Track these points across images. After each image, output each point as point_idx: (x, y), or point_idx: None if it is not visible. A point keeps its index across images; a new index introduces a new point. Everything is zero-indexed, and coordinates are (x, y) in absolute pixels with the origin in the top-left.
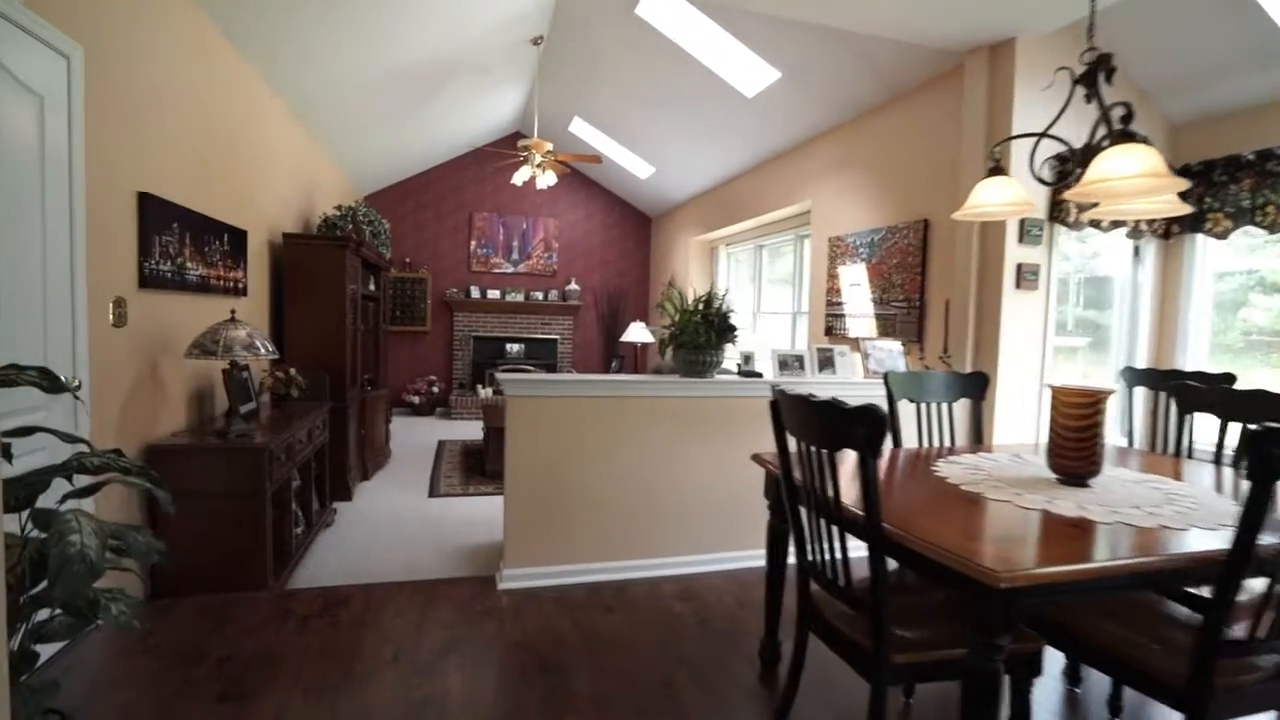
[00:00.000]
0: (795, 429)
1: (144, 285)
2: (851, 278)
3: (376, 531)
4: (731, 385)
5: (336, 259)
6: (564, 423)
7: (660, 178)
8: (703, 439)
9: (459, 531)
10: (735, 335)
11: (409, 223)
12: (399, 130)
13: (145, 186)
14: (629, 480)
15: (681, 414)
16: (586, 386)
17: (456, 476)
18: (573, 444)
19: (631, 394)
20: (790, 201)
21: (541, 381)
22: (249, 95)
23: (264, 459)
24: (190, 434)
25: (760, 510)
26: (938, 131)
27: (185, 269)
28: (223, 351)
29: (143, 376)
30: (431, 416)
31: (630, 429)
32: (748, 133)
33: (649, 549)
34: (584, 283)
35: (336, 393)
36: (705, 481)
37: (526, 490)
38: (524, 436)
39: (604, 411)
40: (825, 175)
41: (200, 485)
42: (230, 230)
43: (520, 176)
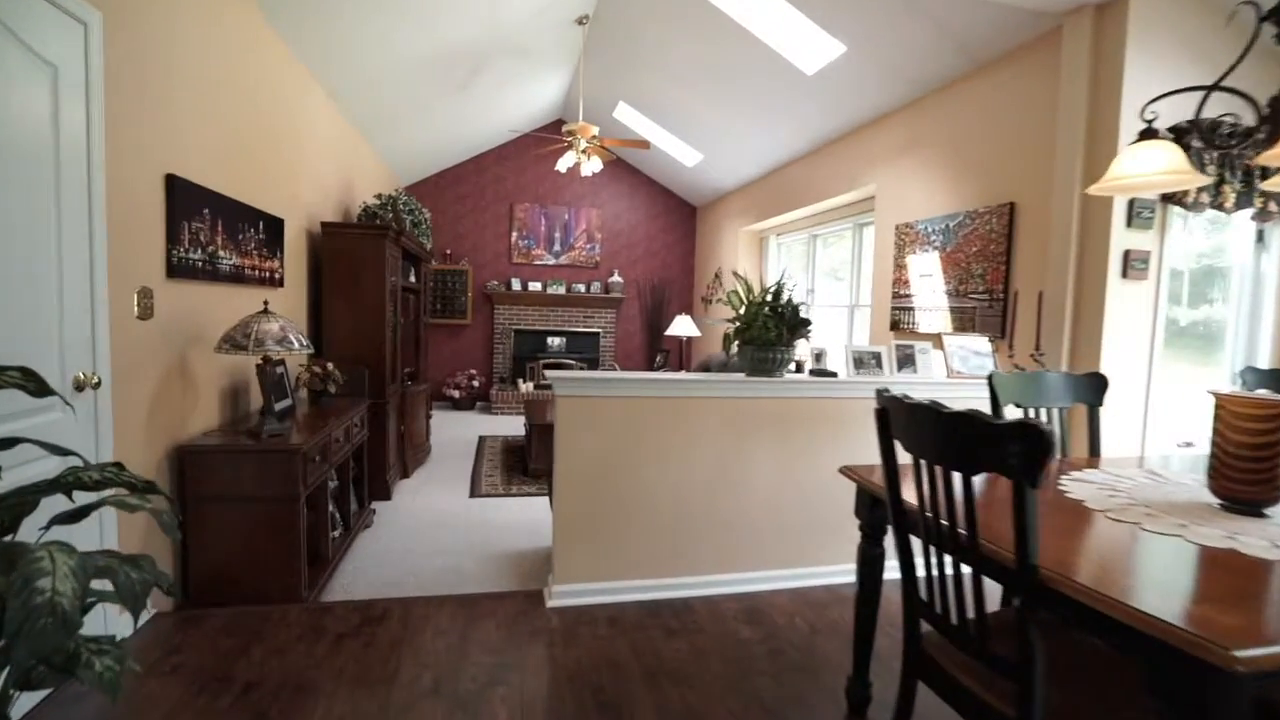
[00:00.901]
0: (913, 443)
1: (172, 275)
2: (922, 268)
3: (416, 534)
4: (803, 385)
5: (376, 249)
6: (618, 425)
7: (708, 165)
8: (769, 444)
9: (502, 536)
10: (808, 330)
11: (449, 214)
12: (438, 117)
13: (173, 168)
14: (688, 488)
15: (747, 417)
16: (643, 386)
17: (498, 475)
18: (627, 448)
19: (692, 394)
20: (851, 187)
21: (594, 380)
22: (286, 76)
23: (298, 462)
24: (222, 433)
25: (832, 525)
26: (1027, 105)
27: (217, 258)
28: (254, 346)
29: (171, 372)
30: (472, 411)
31: (690, 432)
32: (806, 114)
33: (709, 564)
34: (627, 275)
35: (376, 388)
36: (770, 491)
37: (577, 498)
38: (575, 439)
39: (662, 413)
40: (892, 157)
41: (232, 489)
42: (265, 218)
43: (564, 163)
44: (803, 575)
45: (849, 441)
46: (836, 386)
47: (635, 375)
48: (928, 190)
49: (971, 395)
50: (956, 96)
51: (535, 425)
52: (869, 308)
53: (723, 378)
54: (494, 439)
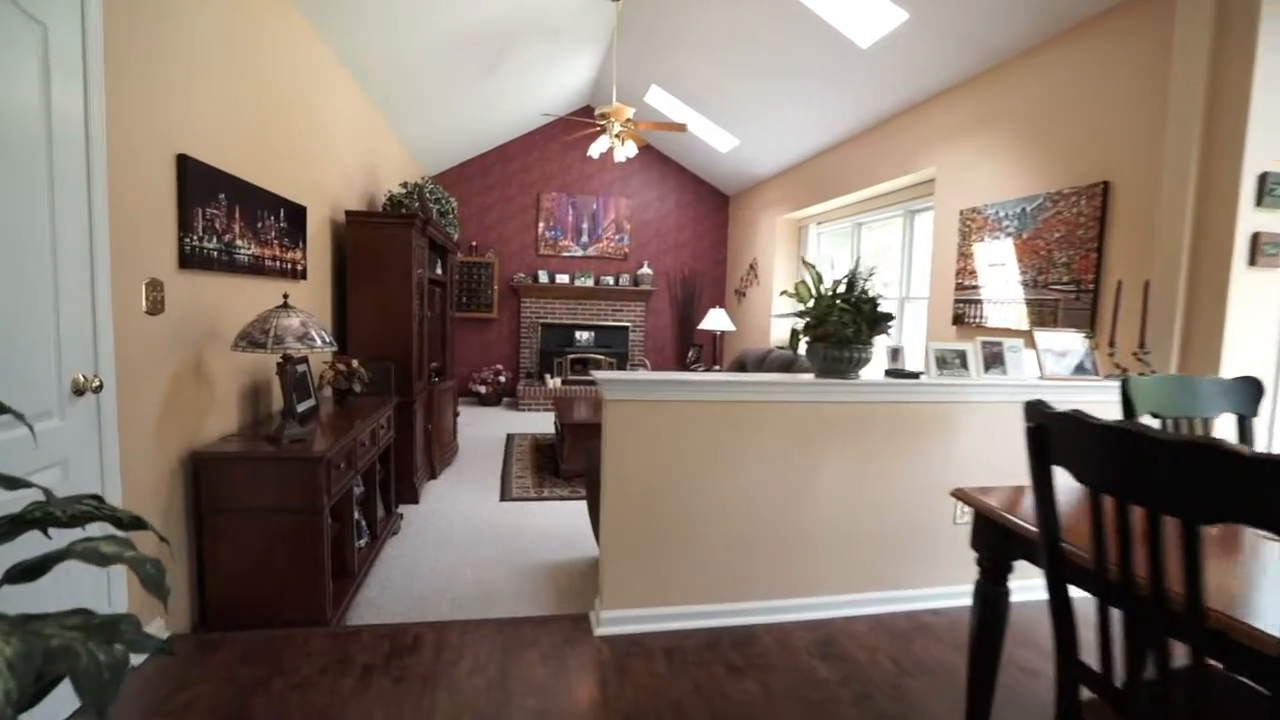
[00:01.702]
0: (1101, 476)
1: (185, 265)
2: (992, 256)
3: (446, 542)
4: (881, 389)
5: (402, 239)
6: (674, 431)
7: (743, 151)
8: (842, 454)
9: (536, 545)
10: (889, 325)
11: (475, 205)
12: (463, 103)
13: (185, 148)
14: (751, 503)
15: (817, 423)
16: (703, 389)
17: (529, 476)
18: (684, 457)
19: (757, 398)
20: (906, 170)
21: (648, 382)
22: (308, 56)
23: (321, 470)
24: (241, 438)
25: (911, 544)
26: (1128, 69)
27: (234, 247)
28: (272, 343)
29: (185, 372)
30: (498, 407)
31: (754, 440)
32: (858, 92)
33: (775, 587)
34: (656, 266)
35: (403, 386)
36: (843, 506)
37: (627, 513)
38: (625, 447)
39: (723, 418)
40: (956, 136)
41: (250, 499)
42: (287, 205)
43: (597, 148)
44: (880, 600)
45: (932, 451)
46: (918, 390)
47: (694, 377)
48: (999, 171)
49: (1076, 400)
50: (1037, 65)
51: (566, 424)
52: (924, 300)
53: (791, 380)
54: (522, 437)
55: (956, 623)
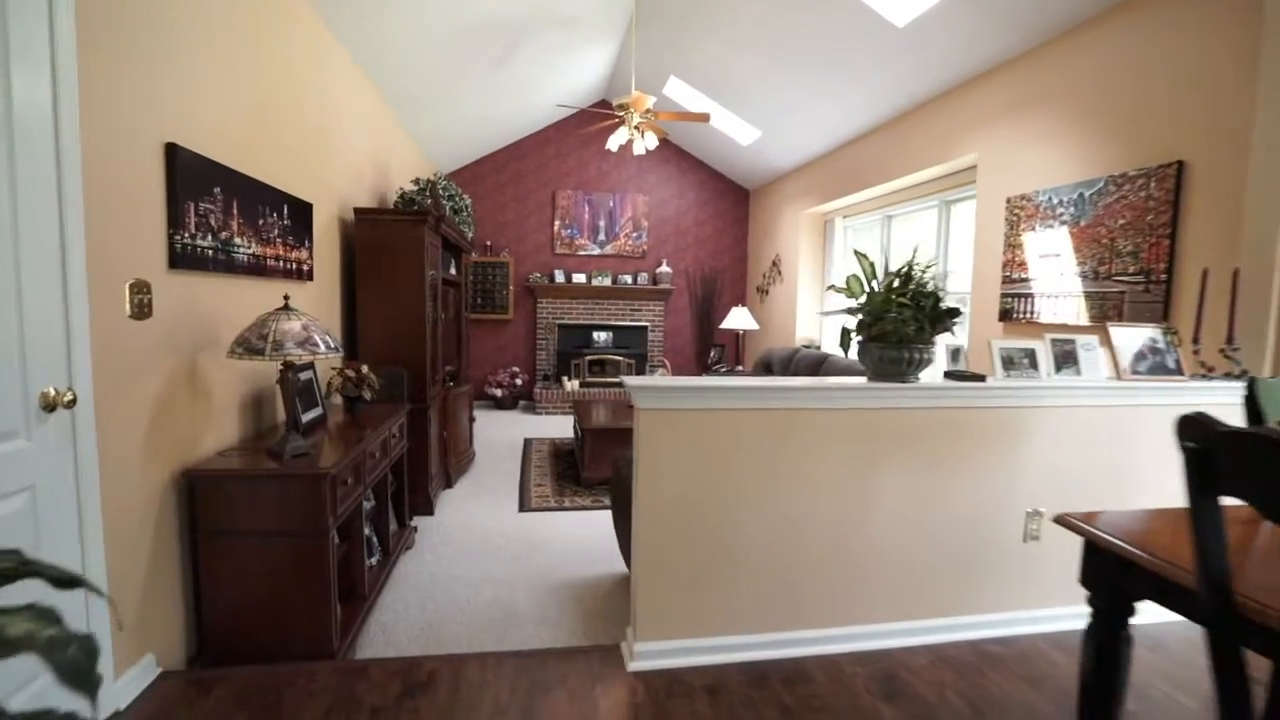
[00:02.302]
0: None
1: (176, 265)
2: (1044, 246)
3: (462, 558)
4: (942, 393)
5: (414, 237)
6: (713, 443)
7: (766, 143)
8: (900, 466)
9: (558, 560)
10: (954, 323)
11: (489, 203)
12: (475, 97)
13: (176, 136)
14: (799, 521)
15: (872, 431)
16: (744, 396)
17: (548, 485)
18: (725, 472)
19: (804, 405)
20: (943, 158)
21: (684, 389)
22: (314, 45)
23: (325, 488)
24: (241, 452)
25: (976, 565)
26: (1203, 40)
27: (233, 245)
28: (272, 349)
29: (177, 381)
30: (515, 411)
31: (802, 452)
32: (891, 76)
33: (826, 615)
34: (675, 264)
35: (416, 391)
36: (901, 524)
37: (663, 534)
38: (659, 461)
39: (767, 428)
40: (1000, 119)
41: (250, 521)
42: (291, 201)
43: (616, 141)
44: (942, 628)
45: (998, 461)
46: (984, 394)
47: (736, 382)
48: (1050, 155)
49: (1167, 404)
50: (1092, 39)
51: (587, 430)
52: (965, 295)
53: (843, 384)
54: (540, 441)
55: (1028, 654)
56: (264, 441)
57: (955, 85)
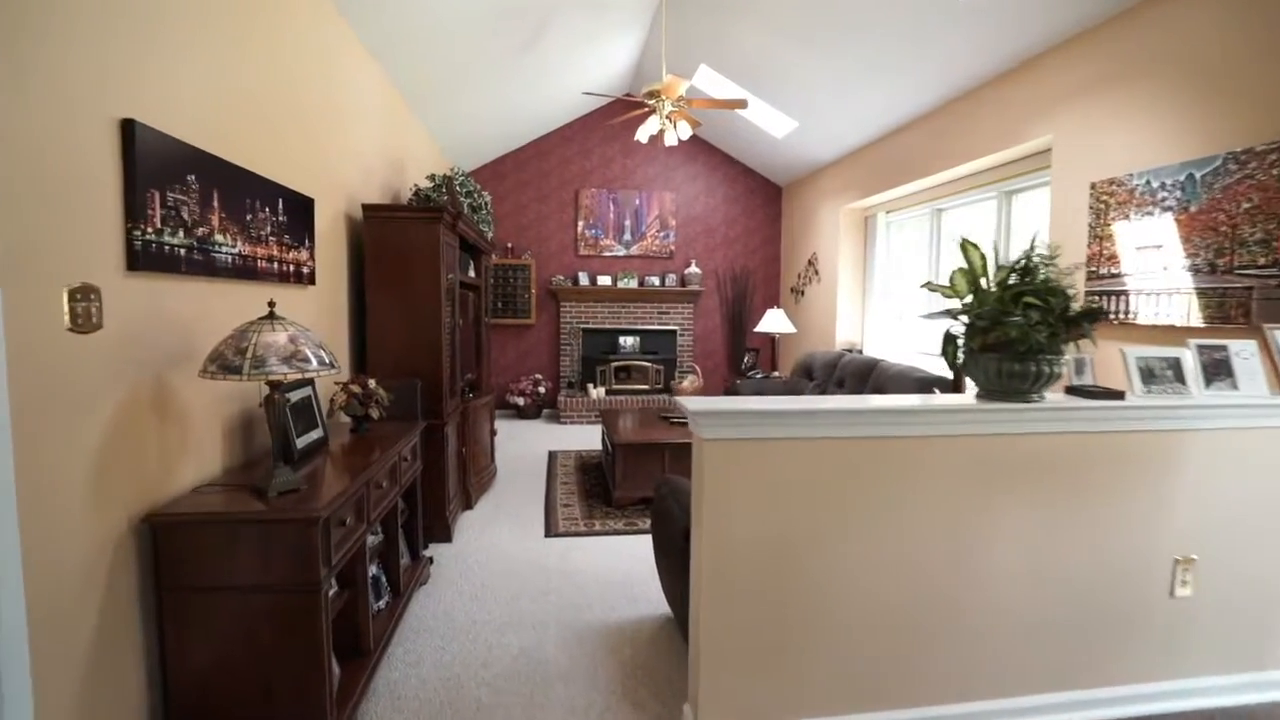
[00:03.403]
0: None
1: (137, 267)
2: (1141, 236)
3: (484, 595)
4: (1075, 414)
5: (429, 236)
6: (797, 480)
7: (802, 135)
8: (1024, 504)
9: (591, 596)
10: (1093, 327)
11: (509, 203)
12: (496, 89)
13: (138, 113)
14: (901, 575)
15: (988, 463)
16: (836, 421)
17: (576, 505)
18: (812, 514)
19: (906, 431)
20: (1009, 142)
21: (762, 414)
22: (319, 26)
23: (317, 535)
24: (224, 487)
25: (1118, 628)
26: None
27: (212, 244)
28: (252, 367)
29: (139, 405)
30: (538, 420)
31: (903, 489)
32: (948, 54)
33: (938, 690)
34: (704, 265)
35: (432, 406)
36: (1023, 575)
37: (733, 592)
38: (730, 503)
39: (859, 460)
40: (1082, 95)
41: (226, 575)
42: (288, 195)
43: (646, 131)
44: (1085, 703)
45: (1138, 497)
46: (1123, 415)
47: (825, 404)
48: (1147, 131)
49: None
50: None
51: (618, 445)
52: None
53: (954, 405)
54: (565, 455)
55: None
56: (255, 471)
57: (1023, 61)
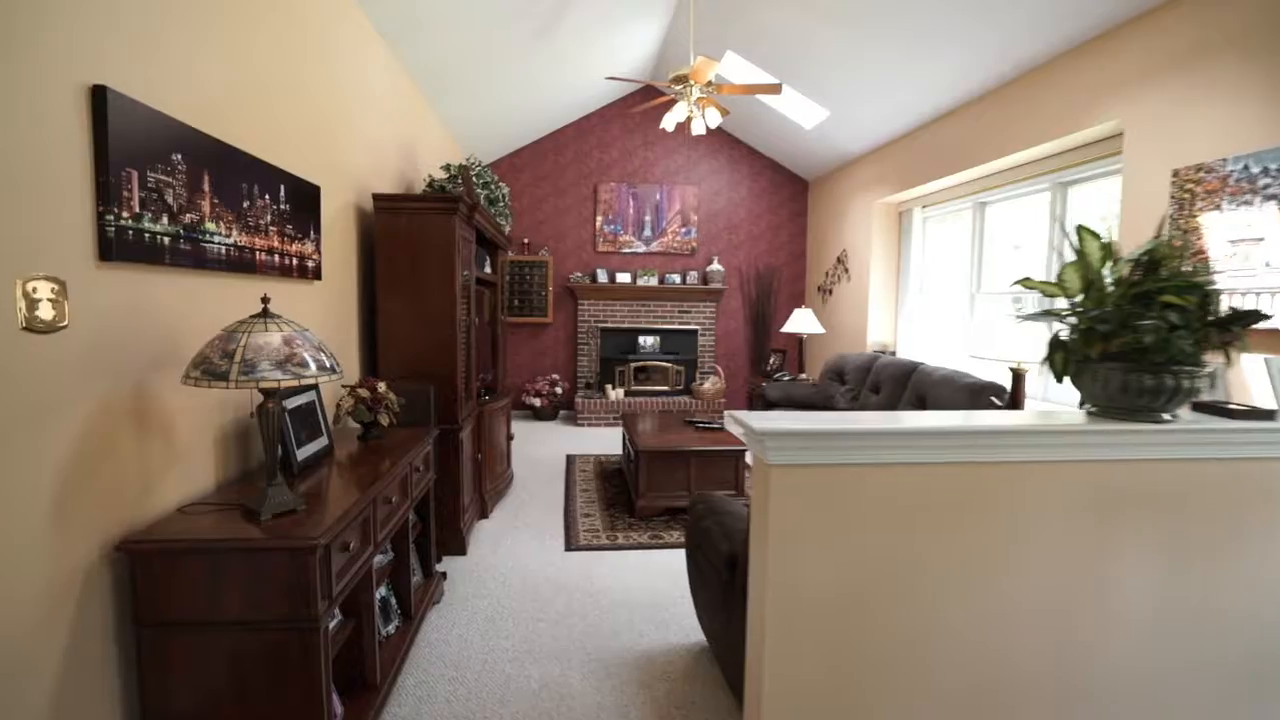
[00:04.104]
0: None
1: (111, 257)
2: (1237, 229)
3: (501, 616)
4: (1211, 439)
5: (444, 228)
6: (884, 515)
7: (833, 125)
8: (1147, 549)
9: (617, 620)
10: (1243, 332)
11: (526, 198)
12: (512, 78)
13: (113, 80)
14: (1004, 629)
15: (1107, 495)
16: (931, 444)
17: (597, 515)
18: (893, 556)
19: (1011, 456)
20: (1070, 127)
21: (840, 434)
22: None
23: (315, 564)
24: (216, 506)
25: (1266, 690)
26: None
27: (202, 232)
28: (240, 373)
29: (113, 414)
30: (555, 421)
31: (1007, 526)
32: (1002, 33)
33: None
34: (727, 262)
35: (446, 411)
36: (1152, 631)
37: (800, 651)
38: (802, 544)
39: (955, 490)
40: (1159, 72)
41: (213, 609)
42: (292, 182)
43: (672, 119)
44: None
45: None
46: (1268, 438)
47: (920, 422)
48: (1243, 110)
49: None
50: None
51: (642, 452)
52: None
53: (1073, 424)
54: (584, 459)
55: None
56: (254, 484)
57: (1088, 39)
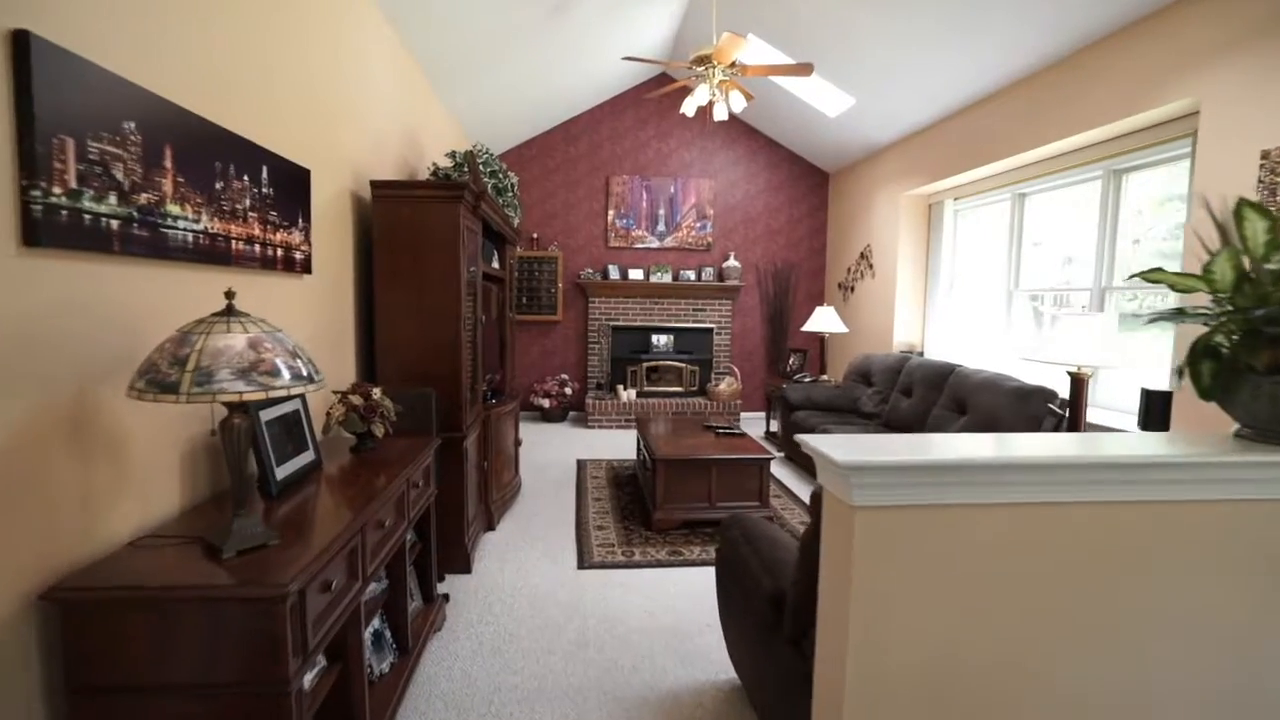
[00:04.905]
0: None
1: (38, 241)
2: None
3: (508, 647)
4: None
5: (448, 218)
6: (991, 563)
7: (860, 113)
8: None
9: (638, 651)
10: None
11: (536, 191)
12: (521, 64)
13: (37, 24)
14: (1167, 714)
15: (1262, 543)
16: (1050, 482)
17: (612, 528)
18: (1020, 618)
19: (1147, 495)
20: (1133, 109)
21: (947, 467)
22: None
23: (285, 618)
24: (172, 541)
25: None
26: None
27: (163, 215)
28: (193, 384)
29: (43, 434)
30: (564, 423)
31: (1157, 580)
32: (1057, 7)
33: None
34: (744, 258)
35: (449, 417)
36: None
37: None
38: (888, 605)
39: (1085, 538)
40: (1243, 44)
41: (159, 671)
42: (276, 163)
43: (693, 103)
44: None
45: None
46: None
47: (1039, 452)
48: None
49: None
50: None
51: (659, 460)
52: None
53: (1234, 458)
54: (595, 464)
55: None
56: (225, 508)
57: (1156, 10)
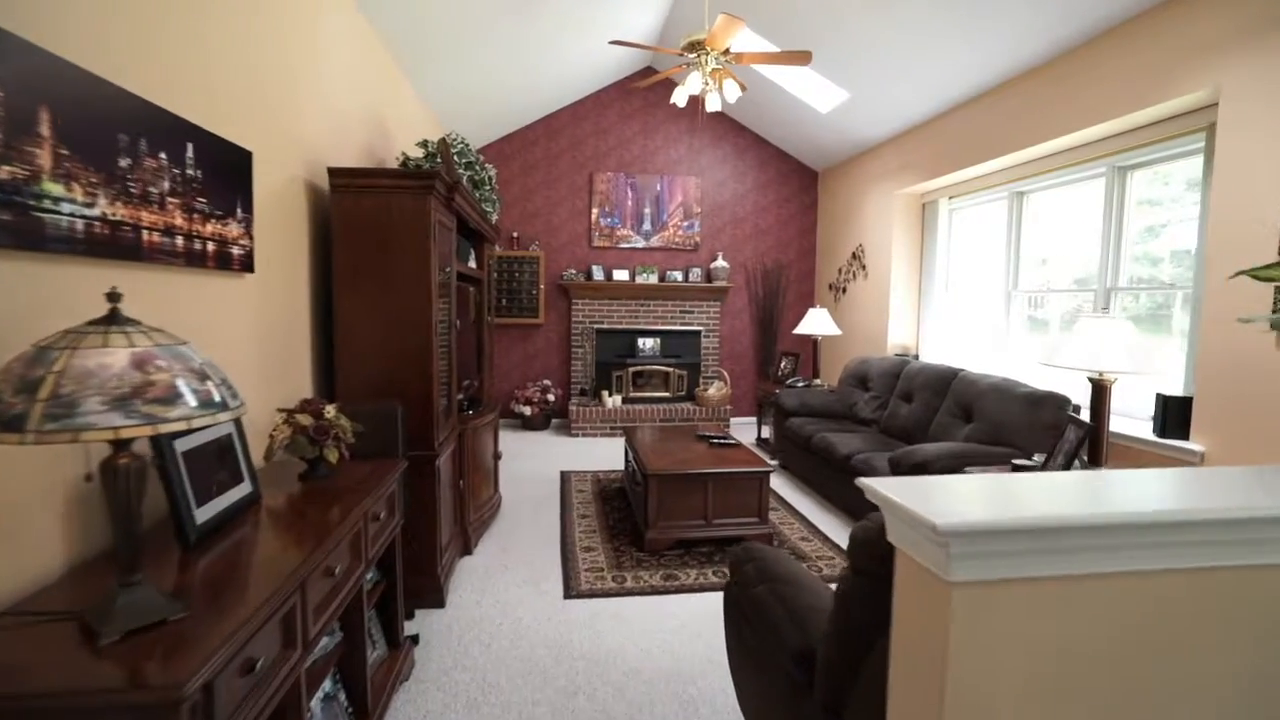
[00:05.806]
0: None
1: None
2: None
3: (487, 701)
4: None
5: (418, 212)
6: (1124, 649)
7: (852, 109)
8: None
9: (635, 699)
10: None
11: (516, 188)
12: (499, 53)
13: None
14: None
15: None
16: (1191, 544)
17: (600, 550)
18: (1134, 700)
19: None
20: (1145, 101)
21: (1081, 529)
22: None
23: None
24: (40, 617)
25: None
26: None
27: (36, 194)
28: (43, 419)
29: None
30: (546, 432)
31: None
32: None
33: None
34: (732, 258)
35: (419, 435)
36: None
37: None
38: (997, 700)
39: (1226, 608)
40: (1266, 31)
41: None
42: (205, 140)
43: (684, 93)
44: None
45: None
46: None
47: (1190, 511)
48: None
49: None
50: None
51: (650, 475)
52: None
53: None
54: (580, 477)
55: None
56: (120, 572)
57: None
